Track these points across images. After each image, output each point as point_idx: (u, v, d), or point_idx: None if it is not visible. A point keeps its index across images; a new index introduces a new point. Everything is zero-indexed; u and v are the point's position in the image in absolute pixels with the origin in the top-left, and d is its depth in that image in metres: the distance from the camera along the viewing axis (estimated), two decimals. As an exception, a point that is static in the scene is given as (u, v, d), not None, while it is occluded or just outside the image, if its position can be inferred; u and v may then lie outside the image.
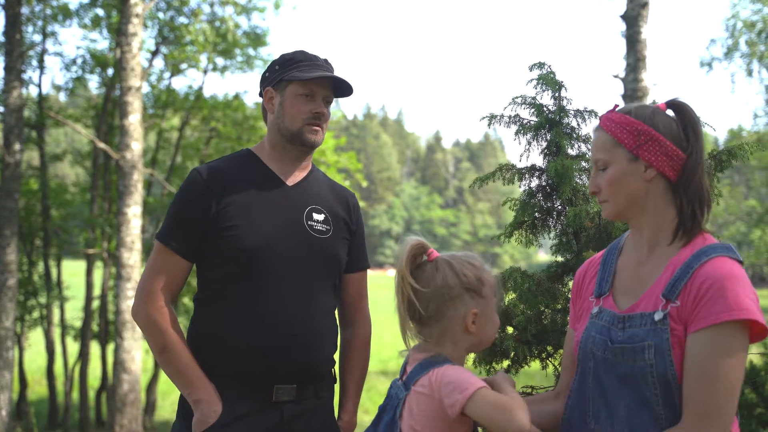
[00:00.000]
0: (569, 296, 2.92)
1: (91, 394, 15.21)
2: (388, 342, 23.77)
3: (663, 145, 1.84)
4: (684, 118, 1.87)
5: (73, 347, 15.57)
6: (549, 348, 2.90)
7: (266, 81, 2.62)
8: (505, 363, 3.03)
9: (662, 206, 1.86)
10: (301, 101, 2.54)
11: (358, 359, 2.76)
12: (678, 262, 1.81)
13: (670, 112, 1.91)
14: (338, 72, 2.63)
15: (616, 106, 1.93)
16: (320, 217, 2.60)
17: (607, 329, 1.85)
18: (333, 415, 2.63)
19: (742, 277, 1.72)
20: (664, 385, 1.73)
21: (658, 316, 1.76)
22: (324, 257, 2.57)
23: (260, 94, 2.67)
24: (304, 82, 2.53)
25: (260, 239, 2.45)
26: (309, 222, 2.56)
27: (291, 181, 2.61)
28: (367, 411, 14.54)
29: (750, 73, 20.35)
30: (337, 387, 2.72)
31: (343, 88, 2.63)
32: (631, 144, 1.85)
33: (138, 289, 2.50)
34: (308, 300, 2.51)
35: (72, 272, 18.36)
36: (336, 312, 2.68)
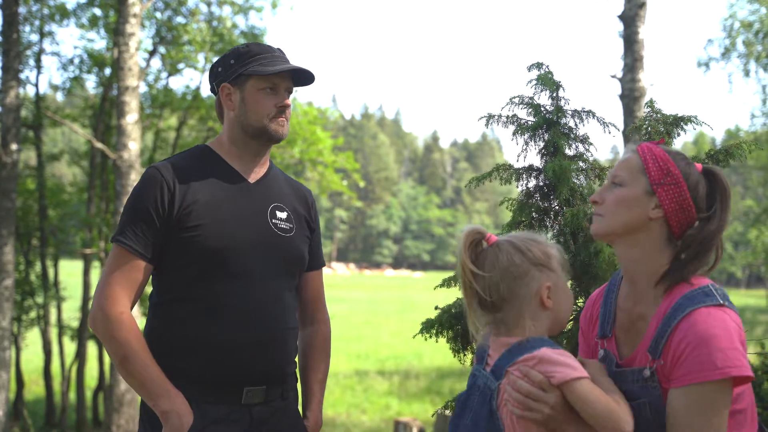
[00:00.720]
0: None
1: (88, 394, 15.19)
2: (385, 342, 23.78)
3: (683, 196, 1.82)
4: (714, 185, 1.86)
5: (70, 347, 15.56)
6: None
7: (221, 76, 2.53)
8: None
9: (656, 250, 1.83)
10: (264, 96, 2.46)
11: (320, 358, 2.70)
12: (660, 315, 1.80)
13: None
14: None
15: (663, 140, 1.95)
16: (283, 215, 2.54)
17: (612, 377, 1.85)
18: (299, 414, 2.58)
19: (723, 328, 1.69)
20: None
21: (646, 374, 1.78)
22: (289, 256, 2.51)
23: (212, 90, 2.58)
24: (267, 77, 2.45)
25: (226, 239, 2.37)
26: (273, 220, 2.49)
27: (252, 178, 2.54)
28: (365, 411, 14.53)
29: (747, 73, 20.38)
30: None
31: (303, 78, 2.55)
32: (655, 178, 1.84)
33: (95, 295, 2.36)
34: (275, 299, 2.44)
35: (69, 272, 18.35)
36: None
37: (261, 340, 2.38)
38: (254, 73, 2.44)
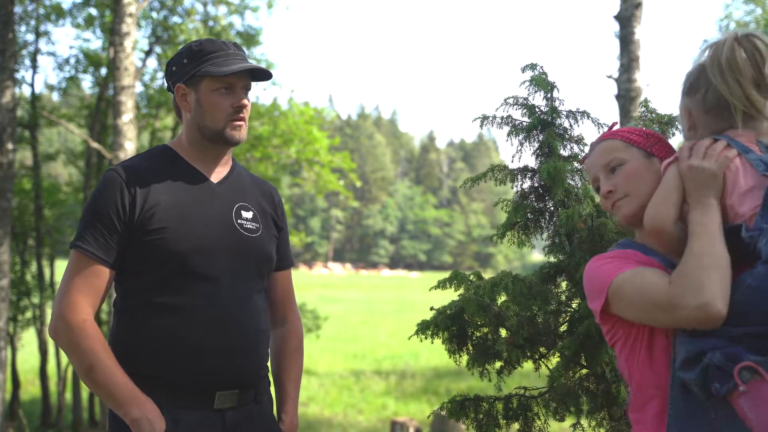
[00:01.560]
0: (562, 298, 2.93)
1: (84, 394, 15.17)
2: (382, 342, 23.78)
3: (669, 144, 1.90)
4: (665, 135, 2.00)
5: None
6: (542, 349, 2.90)
7: (175, 76, 2.42)
8: (498, 364, 3.03)
9: None
10: (219, 96, 2.35)
11: (293, 359, 2.62)
12: None
13: None
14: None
15: (615, 123, 2.00)
16: (249, 214, 2.46)
17: None
18: (273, 417, 2.52)
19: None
20: None
21: None
22: (256, 257, 2.44)
23: (168, 89, 2.48)
24: (222, 77, 2.34)
25: (192, 241, 2.29)
26: (238, 220, 2.41)
27: (215, 178, 2.45)
28: (361, 411, 14.53)
29: (743, 73, 20.37)
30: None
31: (260, 74, 2.44)
32: (643, 144, 1.90)
33: (55, 304, 2.28)
34: (244, 302, 2.37)
35: (65, 272, 18.30)
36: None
37: (231, 344, 2.31)
38: (207, 73, 2.33)
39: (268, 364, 2.54)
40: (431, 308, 3.11)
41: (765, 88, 1.75)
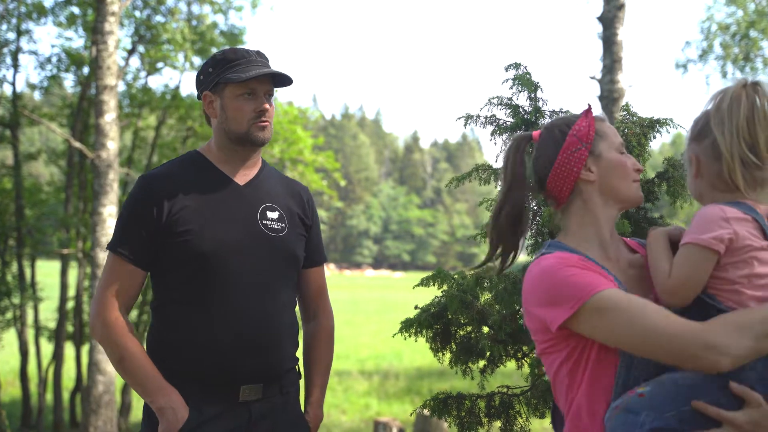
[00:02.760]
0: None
1: (66, 395, 15.06)
2: (365, 342, 23.76)
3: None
4: None
5: (47, 348, 15.42)
6: (524, 348, 2.92)
7: (202, 84, 2.57)
8: (481, 363, 3.04)
9: None
10: (242, 101, 2.50)
11: (322, 352, 2.77)
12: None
13: None
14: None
15: (590, 107, 1.97)
16: (274, 215, 2.58)
17: None
18: (300, 409, 2.64)
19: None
20: None
21: None
22: (280, 255, 2.56)
23: (198, 98, 2.62)
24: (243, 82, 2.48)
25: (215, 242, 2.43)
26: (263, 221, 2.54)
27: (242, 180, 2.59)
28: (345, 411, 14.52)
29: (725, 75, 20.56)
30: (302, 381, 2.72)
31: (280, 79, 2.57)
32: None
33: (92, 301, 2.47)
34: (268, 299, 2.49)
35: (46, 273, 18.17)
36: (296, 308, 2.68)
37: (254, 340, 2.44)
38: (229, 80, 2.47)
39: (298, 354, 2.68)
40: (416, 307, 3.12)
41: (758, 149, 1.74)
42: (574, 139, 1.92)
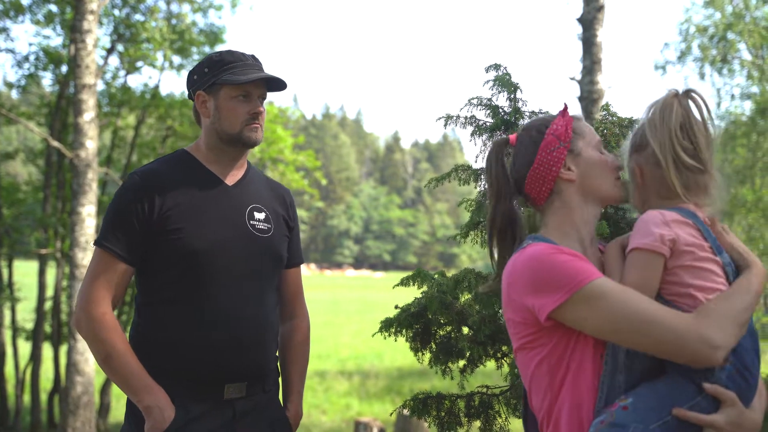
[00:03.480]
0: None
1: (43, 396, 14.93)
2: (345, 342, 23.75)
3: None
4: None
5: (25, 349, 15.29)
6: (504, 348, 2.93)
7: (196, 84, 2.59)
8: (461, 363, 3.05)
9: None
10: (237, 103, 2.52)
11: (300, 352, 2.81)
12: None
13: None
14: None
15: (566, 106, 1.97)
16: (261, 216, 2.61)
17: None
18: (280, 405, 2.68)
19: None
20: None
21: None
22: (267, 256, 2.59)
23: (189, 97, 2.63)
24: (239, 85, 2.51)
25: (206, 241, 2.44)
26: (251, 221, 2.56)
27: (231, 181, 2.61)
28: (325, 411, 14.51)
29: (702, 76, 20.74)
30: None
31: (276, 84, 2.61)
32: None
33: (78, 297, 2.45)
34: (255, 299, 2.52)
35: (24, 273, 18.01)
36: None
37: (242, 340, 2.46)
38: (226, 82, 2.50)
39: (277, 354, 2.71)
40: (396, 306, 3.12)
41: (694, 154, 1.78)
42: (552, 138, 1.92)
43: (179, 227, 2.43)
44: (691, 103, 1.79)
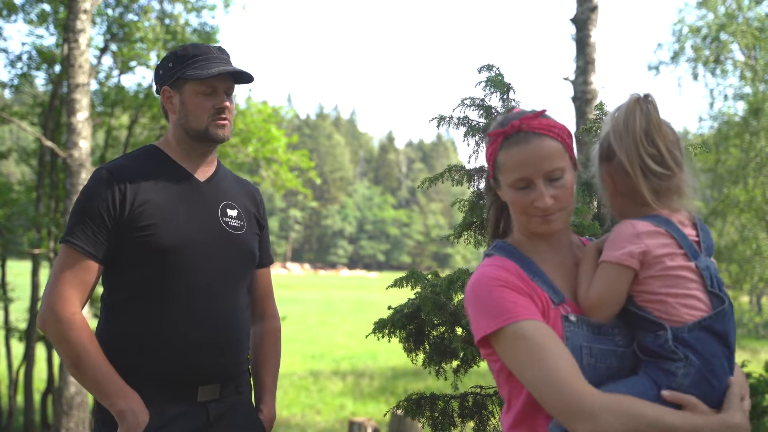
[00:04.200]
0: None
1: (37, 397, 14.89)
2: (340, 342, 23.73)
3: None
4: None
5: (18, 349, 15.25)
6: (497, 348, 2.92)
7: (162, 79, 2.52)
8: (455, 363, 3.05)
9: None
10: (202, 98, 2.46)
11: (272, 353, 2.74)
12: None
13: None
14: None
15: (544, 111, 1.84)
16: (234, 213, 2.55)
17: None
18: (253, 407, 2.62)
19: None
20: None
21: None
22: (240, 254, 2.53)
23: (156, 92, 2.57)
24: (204, 80, 2.44)
25: (178, 238, 2.37)
26: (224, 218, 2.51)
27: (202, 177, 2.55)
28: (319, 412, 14.49)
29: (695, 77, 20.81)
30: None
31: (242, 77, 2.53)
32: (572, 155, 1.85)
33: (44, 297, 2.34)
34: (228, 298, 2.46)
35: (17, 272, 17.97)
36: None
37: (214, 340, 2.39)
38: (190, 77, 2.43)
39: (249, 356, 2.64)
40: (389, 307, 3.12)
41: (661, 158, 1.75)
42: (486, 157, 1.91)
43: (150, 224, 2.35)
44: (649, 107, 1.76)
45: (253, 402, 2.66)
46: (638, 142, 1.74)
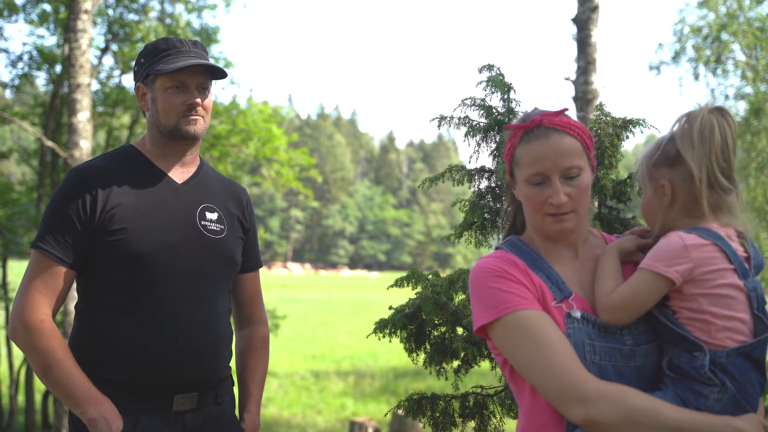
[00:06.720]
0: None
1: (38, 397, 14.90)
2: (341, 342, 23.74)
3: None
4: None
5: (19, 350, 15.26)
6: (498, 348, 2.92)
7: (136, 76, 2.44)
8: (456, 363, 3.04)
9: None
10: (171, 94, 2.36)
11: (259, 359, 2.63)
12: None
13: None
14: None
15: (566, 109, 1.83)
16: (213, 216, 2.45)
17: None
18: (235, 418, 2.51)
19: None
20: None
21: None
22: (219, 259, 2.43)
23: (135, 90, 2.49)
24: (172, 74, 2.34)
25: (152, 243, 2.28)
26: (202, 222, 2.40)
27: (180, 179, 2.45)
28: (320, 412, 14.49)
29: (696, 77, 20.78)
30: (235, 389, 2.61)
31: (214, 72, 2.42)
32: (590, 152, 1.83)
33: (14, 304, 2.28)
34: (205, 305, 2.36)
35: (18, 272, 17.93)
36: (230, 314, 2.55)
37: (190, 347, 2.31)
38: (157, 72, 2.34)
39: (232, 364, 2.54)
40: (390, 307, 3.12)
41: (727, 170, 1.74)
42: (505, 152, 1.91)
43: (123, 227, 2.27)
44: (724, 122, 1.74)
45: (237, 411, 2.57)
46: (713, 154, 1.72)
